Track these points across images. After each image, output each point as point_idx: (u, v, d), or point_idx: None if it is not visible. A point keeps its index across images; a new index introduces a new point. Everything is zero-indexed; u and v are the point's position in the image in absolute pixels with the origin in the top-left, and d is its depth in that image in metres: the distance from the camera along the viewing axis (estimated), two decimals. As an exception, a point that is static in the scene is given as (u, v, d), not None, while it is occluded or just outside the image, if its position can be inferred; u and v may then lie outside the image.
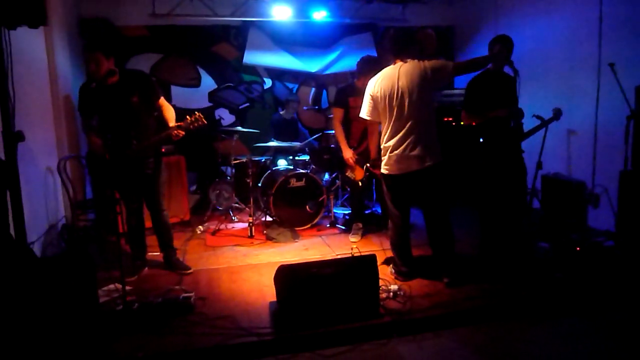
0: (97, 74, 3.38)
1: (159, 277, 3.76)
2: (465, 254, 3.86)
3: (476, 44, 6.63)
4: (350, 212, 5.15)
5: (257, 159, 5.64)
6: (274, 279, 3.05)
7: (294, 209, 5.03)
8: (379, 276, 3.07)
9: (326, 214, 5.31)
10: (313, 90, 7.05)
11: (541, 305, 3.15)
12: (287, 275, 2.88)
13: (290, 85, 6.92)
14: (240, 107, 6.75)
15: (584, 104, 4.74)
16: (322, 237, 4.86)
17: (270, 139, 5.53)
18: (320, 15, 6.57)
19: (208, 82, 6.58)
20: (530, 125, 4.05)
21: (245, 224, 5.05)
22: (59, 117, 4.69)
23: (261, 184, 5.32)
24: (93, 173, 3.70)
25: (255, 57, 6.62)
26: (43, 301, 2.45)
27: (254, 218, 5.02)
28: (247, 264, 4.07)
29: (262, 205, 5.24)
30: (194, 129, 3.53)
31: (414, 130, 3.30)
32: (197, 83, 6.55)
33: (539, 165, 4.13)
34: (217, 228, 5.10)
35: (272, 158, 5.70)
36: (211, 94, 6.62)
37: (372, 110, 3.50)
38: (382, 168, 3.50)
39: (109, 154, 3.47)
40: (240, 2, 6.32)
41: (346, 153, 4.45)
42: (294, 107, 6.17)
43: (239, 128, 5.41)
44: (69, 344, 2.49)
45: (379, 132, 3.61)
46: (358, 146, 4.57)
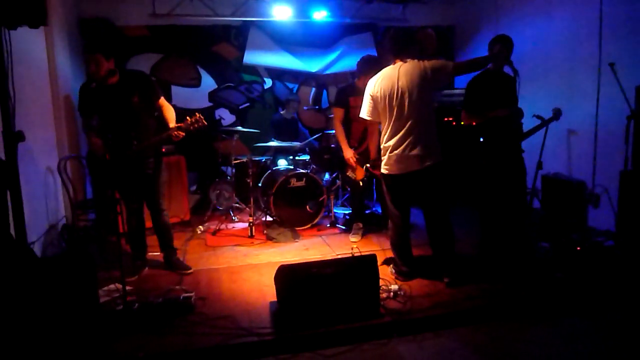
0: (97, 74, 3.38)
1: (159, 277, 3.76)
2: (466, 253, 3.86)
3: (476, 44, 6.63)
4: (350, 212, 5.15)
5: (257, 158, 5.64)
6: (274, 279, 3.05)
7: (294, 208, 5.03)
8: (379, 276, 3.07)
9: (326, 213, 5.31)
10: (313, 90, 7.05)
11: (541, 305, 3.15)
12: (287, 275, 2.88)
13: (291, 85, 6.92)
14: (241, 107, 6.75)
15: (584, 103, 4.74)
16: (323, 237, 4.86)
17: (271, 139, 5.53)
18: (321, 15, 6.57)
19: (208, 82, 6.58)
20: (530, 125, 4.06)
21: (246, 224, 5.06)
22: (59, 117, 4.69)
23: (261, 184, 5.32)
24: (93, 173, 3.71)
25: (256, 57, 6.62)
26: (43, 301, 2.45)
27: (254, 218, 5.02)
28: (248, 264, 4.07)
29: (263, 205, 5.24)
30: (194, 130, 3.53)
31: (413, 130, 3.29)
32: (197, 83, 6.55)
33: (539, 165, 4.13)
34: (217, 228, 5.10)
35: (272, 158, 5.70)
36: (211, 94, 6.62)
37: (372, 110, 3.49)
38: (382, 168, 3.50)
39: (110, 154, 3.47)
40: (240, 2, 6.32)
41: (347, 153, 4.45)
42: (294, 107, 6.17)
43: (239, 128, 5.41)
44: (70, 344, 2.49)
45: (379, 132, 3.61)
46: (359, 146, 4.56)
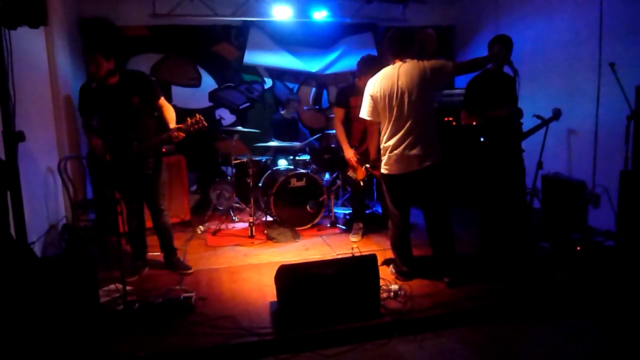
0: (98, 75, 3.38)
1: (159, 277, 3.77)
2: (466, 253, 3.86)
3: (477, 44, 6.63)
4: (350, 212, 5.15)
5: (257, 158, 5.64)
6: (275, 279, 3.05)
7: (294, 208, 5.03)
8: (380, 276, 3.07)
9: (326, 213, 5.31)
10: (313, 90, 7.05)
11: (542, 305, 3.15)
12: (287, 275, 2.88)
13: (291, 85, 6.92)
14: (241, 107, 6.75)
15: (584, 103, 4.74)
16: (323, 237, 4.86)
17: (271, 139, 5.53)
18: (321, 15, 6.57)
19: (208, 82, 6.58)
20: (530, 125, 4.05)
21: (246, 224, 5.05)
22: (60, 117, 4.69)
23: (262, 184, 5.32)
24: (94, 173, 3.71)
25: (256, 57, 6.62)
26: (44, 301, 2.45)
27: (255, 218, 5.02)
28: (248, 264, 4.07)
29: (263, 205, 5.25)
30: (194, 131, 3.53)
31: (413, 130, 3.29)
32: (197, 83, 6.54)
33: (540, 165, 4.13)
34: (217, 228, 5.10)
35: (272, 158, 5.70)
36: (212, 94, 6.62)
37: (372, 110, 3.48)
38: (382, 168, 3.50)
39: (110, 155, 3.47)
40: (240, 2, 6.31)
41: (347, 153, 4.45)
42: (295, 107, 6.17)
43: (239, 128, 5.42)
44: (70, 344, 2.49)
45: (379, 132, 3.61)
46: (359, 146, 4.56)
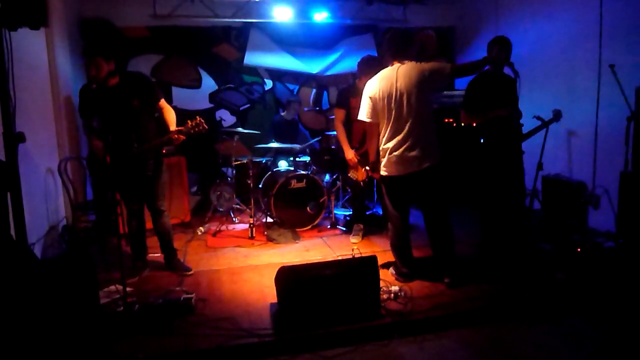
0: (98, 77, 3.38)
1: (159, 278, 3.76)
2: (466, 254, 3.86)
3: (477, 45, 6.63)
4: (350, 213, 5.15)
5: (257, 160, 5.65)
6: (275, 280, 3.05)
7: (294, 210, 5.02)
8: (380, 277, 3.07)
9: (327, 215, 5.31)
10: (314, 91, 7.05)
11: (542, 306, 3.15)
12: (288, 277, 2.88)
13: (291, 87, 6.93)
14: (241, 108, 6.76)
15: (584, 105, 4.74)
16: (323, 238, 4.86)
17: (271, 140, 5.53)
18: (321, 17, 6.58)
19: (209, 83, 6.59)
20: (530, 127, 4.05)
21: (246, 225, 5.05)
22: (60, 118, 4.69)
23: (262, 185, 5.32)
24: (94, 174, 3.71)
25: (256, 58, 6.63)
26: (44, 303, 2.45)
27: (255, 219, 5.01)
28: (248, 265, 4.07)
29: (263, 206, 5.24)
30: (195, 134, 3.52)
31: (412, 132, 3.29)
32: (197, 84, 6.56)
33: (540, 166, 4.13)
34: (217, 229, 5.10)
35: (272, 159, 5.70)
36: (212, 95, 6.63)
37: (371, 111, 3.47)
38: (381, 169, 3.49)
39: (110, 157, 3.47)
40: (241, 3, 6.32)
41: (348, 154, 4.45)
42: (295, 108, 6.18)
43: (239, 129, 5.41)
44: (70, 346, 2.49)
45: (379, 134, 3.60)
46: (360, 147, 4.56)
